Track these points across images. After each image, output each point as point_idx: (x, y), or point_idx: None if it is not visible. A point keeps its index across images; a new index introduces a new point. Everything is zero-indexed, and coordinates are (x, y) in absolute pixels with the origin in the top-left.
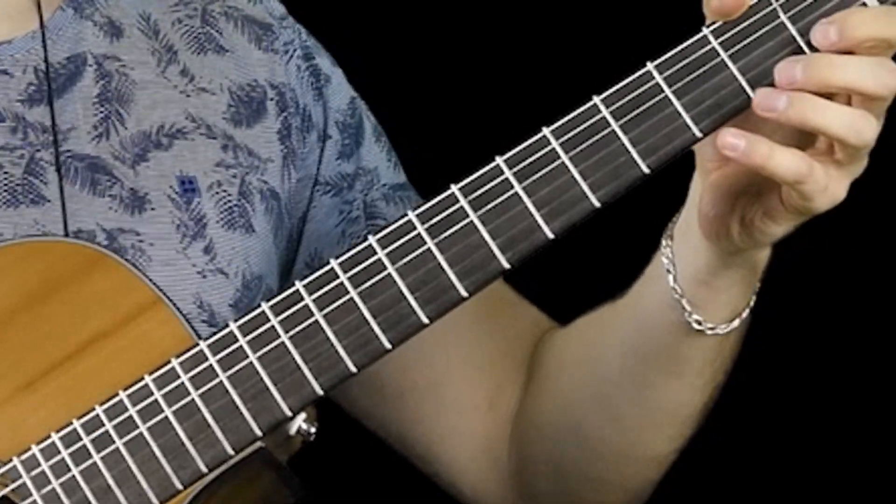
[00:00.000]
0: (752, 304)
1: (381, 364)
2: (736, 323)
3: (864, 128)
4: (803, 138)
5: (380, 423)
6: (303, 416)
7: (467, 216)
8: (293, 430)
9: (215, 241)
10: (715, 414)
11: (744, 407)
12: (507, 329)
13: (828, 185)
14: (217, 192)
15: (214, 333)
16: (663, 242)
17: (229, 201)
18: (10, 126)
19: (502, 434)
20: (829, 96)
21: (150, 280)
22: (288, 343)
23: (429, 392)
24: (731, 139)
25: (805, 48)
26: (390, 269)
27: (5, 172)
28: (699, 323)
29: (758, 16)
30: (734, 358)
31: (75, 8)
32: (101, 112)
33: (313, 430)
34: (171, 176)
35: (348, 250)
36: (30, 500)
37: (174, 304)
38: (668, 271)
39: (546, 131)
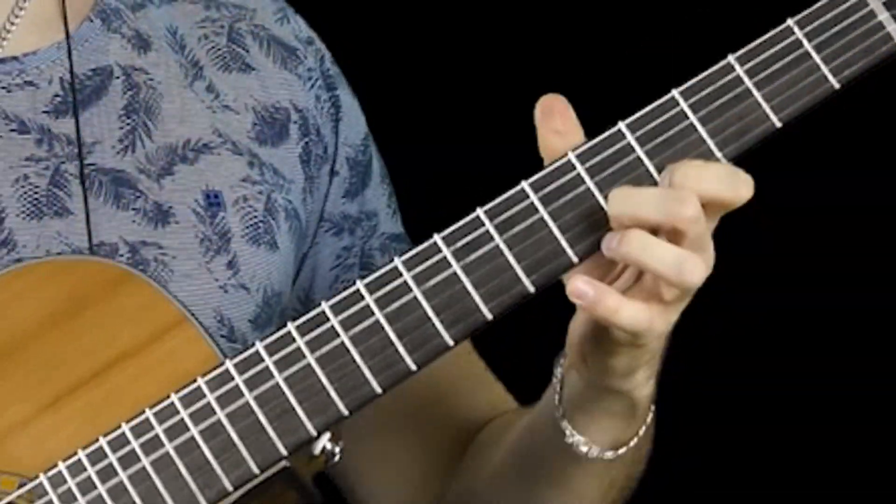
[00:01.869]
0: (640, 433)
1: (350, 421)
2: (621, 451)
3: (689, 269)
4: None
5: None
6: (327, 435)
7: (493, 239)
8: (318, 449)
9: (239, 256)
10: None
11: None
12: (462, 415)
13: (655, 326)
14: (243, 207)
15: (240, 353)
16: (556, 360)
17: (255, 217)
18: (35, 138)
19: None
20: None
21: (176, 298)
22: (314, 363)
23: (376, 460)
24: (581, 286)
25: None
26: (416, 292)
27: (30, 183)
28: (579, 446)
29: (782, 44)
30: (635, 481)
31: (103, 19)
32: (128, 124)
33: (338, 449)
34: (196, 190)
35: (373, 271)
36: None
37: (200, 323)
38: (556, 390)
39: (571, 155)
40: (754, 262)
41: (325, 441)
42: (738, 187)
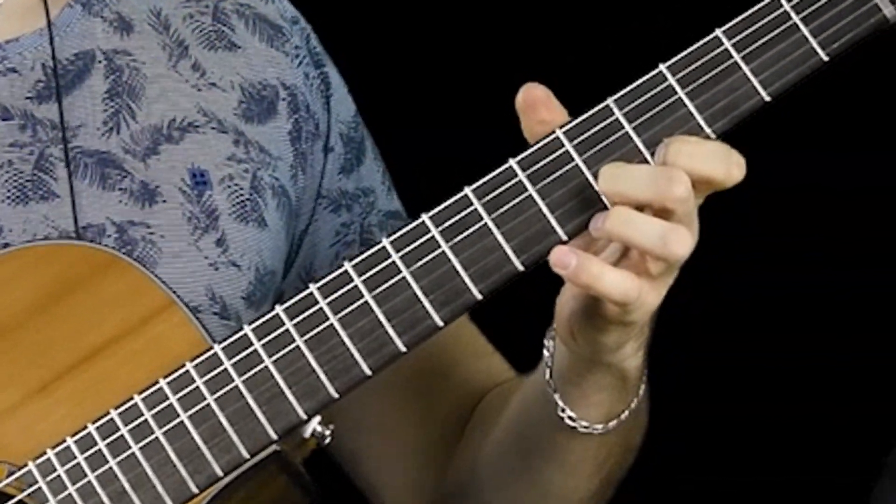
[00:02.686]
0: (632, 406)
1: (350, 398)
2: (612, 424)
3: (674, 240)
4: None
5: (336, 448)
6: (317, 419)
7: (482, 219)
8: (308, 433)
9: (228, 234)
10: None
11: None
12: (461, 385)
13: (644, 300)
14: (229, 186)
15: (228, 337)
16: (547, 334)
17: (241, 195)
18: (18, 124)
19: (431, 490)
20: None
21: (164, 282)
22: (303, 346)
23: (378, 434)
24: (563, 257)
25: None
26: (405, 273)
27: (15, 169)
28: (572, 420)
29: (770, 17)
30: (633, 453)
31: (84, 4)
32: (112, 107)
33: (328, 432)
34: (182, 169)
35: (361, 253)
36: None
37: (188, 307)
38: (546, 364)
39: (559, 132)
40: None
41: (314, 424)
42: (730, 168)
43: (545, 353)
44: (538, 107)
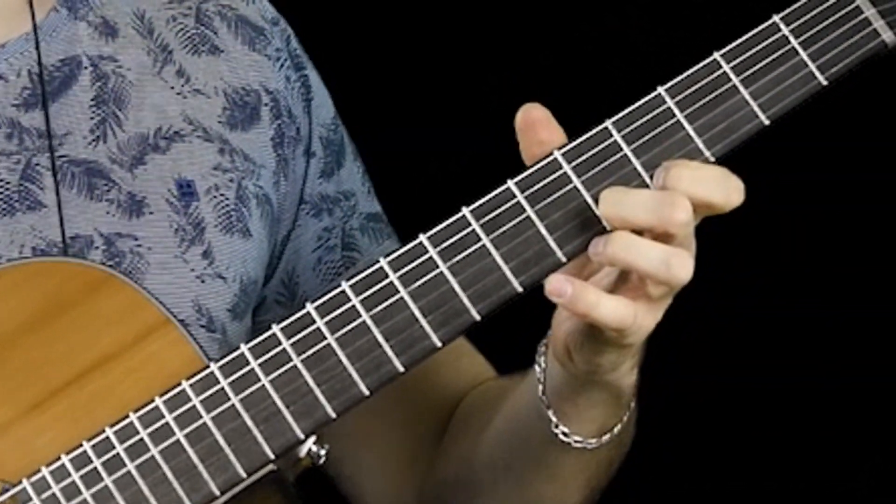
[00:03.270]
0: (624, 420)
1: None
2: (606, 438)
3: (677, 264)
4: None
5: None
6: (313, 438)
7: (480, 239)
8: (303, 452)
9: (214, 246)
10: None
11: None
12: (443, 387)
13: (641, 323)
14: (215, 197)
15: (225, 356)
16: (539, 350)
17: (227, 205)
18: (5, 132)
19: (414, 494)
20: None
21: (158, 299)
22: (300, 366)
23: (360, 438)
24: (558, 285)
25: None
26: (403, 293)
27: (1, 179)
28: (566, 435)
29: (769, 41)
30: (620, 461)
31: (69, 8)
32: (98, 115)
33: (323, 452)
34: (169, 179)
35: (359, 272)
36: None
37: (183, 324)
38: (539, 380)
39: (557, 154)
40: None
41: (310, 444)
42: (729, 193)
43: (537, 368)
44: (537, 128)
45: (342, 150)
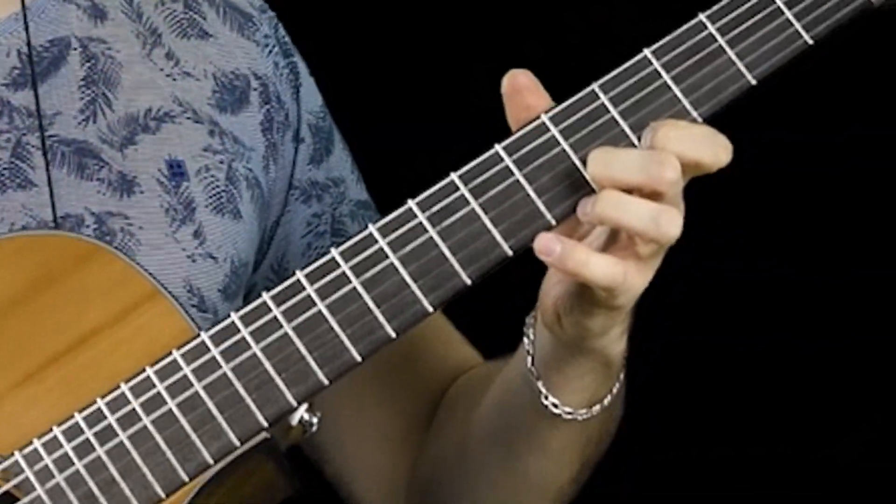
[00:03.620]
0: (614, 391)
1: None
2: (596, 409)
3: (665, 221)
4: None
5: (310, 447)
6: (305, 405)
7: (468, 204)
8: (295, 420)
9: (204, 226)
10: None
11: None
12: (431, 373)
13: (632, 283)
14: (205, 177)
15: (215, 324)
16: (527, 322)
17: (217, 186)
18: None
19: (405, 475)
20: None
21: (148, 272)
22: (291, 333)
23: (348, 422)
24: (547, 243)
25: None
26: (392, 258)
27: None
28: (555, 406)
29: (753, 1)
30: (611, 435)
31: None
32: (88, 95)
33: (315, 419)
34: (159, 159)
35: (347, 239)
36: (33, 495)
37: (173, 296)
38: (528, 352)
39: (545, 117)
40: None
41: (302, 411)
42: (717, 152)
43: (525, 340)
44: (524, 93)
45: (331, 138)
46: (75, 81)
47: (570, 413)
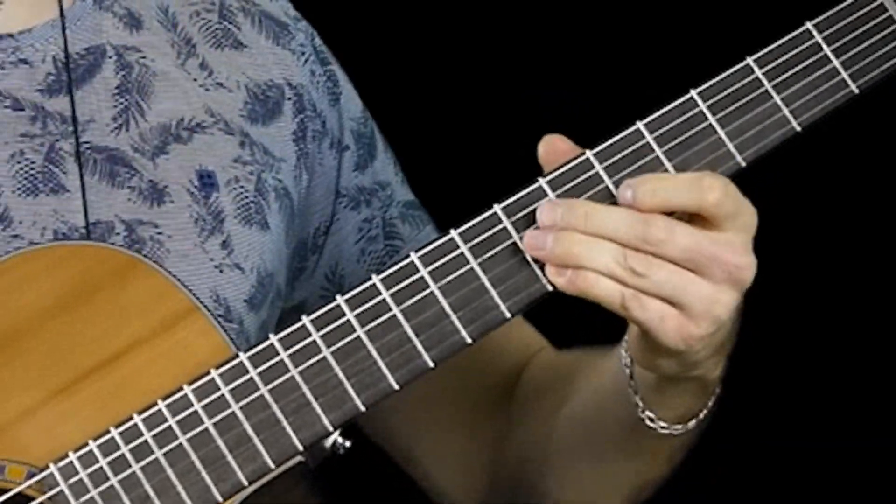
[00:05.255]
0: (709, 404)
1: None
2: (691, 424)
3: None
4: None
5: (375, 428)
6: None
7: (511, 237)
8: (328, 443)
9: (232, 237)
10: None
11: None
12: (494, 353)
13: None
14: (235, 188)
15: (254, 346)
16: (624, 339)
17: (246, 197)
18: (29, 115)
19: (481, 458)
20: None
21: (188, 288)
22: (330, 358)
23: (420, 408)
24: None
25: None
26: (433, 288)
27: (27, 159)
28: (652, 420)
29: (801, 47)
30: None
31: None
32: (121, 103)
33: (348, 444)
34: (190, 169)
35: (389, 267)
36: None
37: (211, 314)
38: (626, 365)
39: (589, 154)
40: None
41: (336, 435)
42: (702, 195)
43: (623, 353)
44: (560, 159)
45: (373, 142)
46: (109, 89)
47: (665, 428)
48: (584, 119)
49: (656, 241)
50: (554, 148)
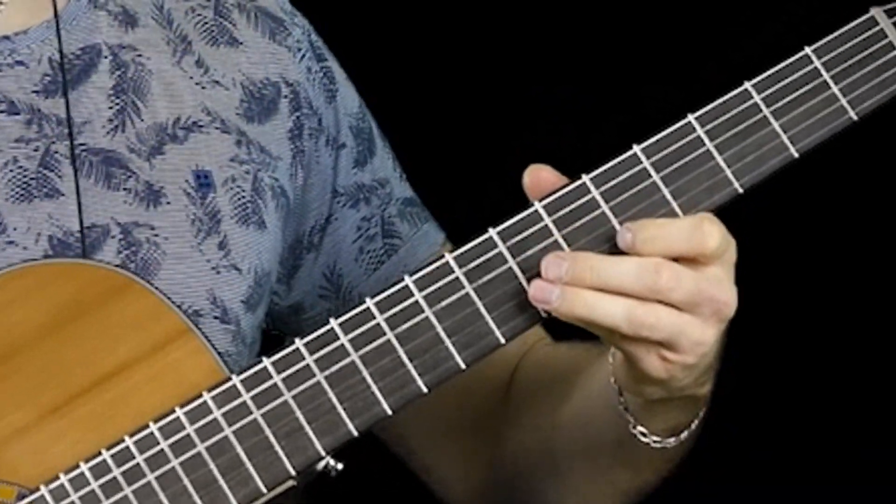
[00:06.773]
0: (700, 416)
1: None
2: (683, 436)
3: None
4: None
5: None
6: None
7: (506, 262)
8: (320, 466)
9: (229, 237)
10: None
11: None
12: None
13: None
14: (231, 188)
15: (247, 369)
16: (609, 360)
17: (243, 197)
18: (25, 118)
19: (484, 457)
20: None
21: (180, 308)
22: (323, 382)
23: (419, 411)
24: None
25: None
26: (428, 313)
27: (20, 166)
28: (643, 434)
29: (800, 73)
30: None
31: None
32: (117, 104)
33: (340, 466)
34: (186, 170)
35: (383, 290)
36: None
37: (197, 316)
38: (615, 381)
39: (586, 178)
40: None
41: (328, 458)
42: (702, 241)
43: (611, 379)
44: (545, 189)
45: (372, 139)
46: (105, 90)
47: (658, 442)
48: (586, 115)
49: (667, 290)
50: (538, 178)
